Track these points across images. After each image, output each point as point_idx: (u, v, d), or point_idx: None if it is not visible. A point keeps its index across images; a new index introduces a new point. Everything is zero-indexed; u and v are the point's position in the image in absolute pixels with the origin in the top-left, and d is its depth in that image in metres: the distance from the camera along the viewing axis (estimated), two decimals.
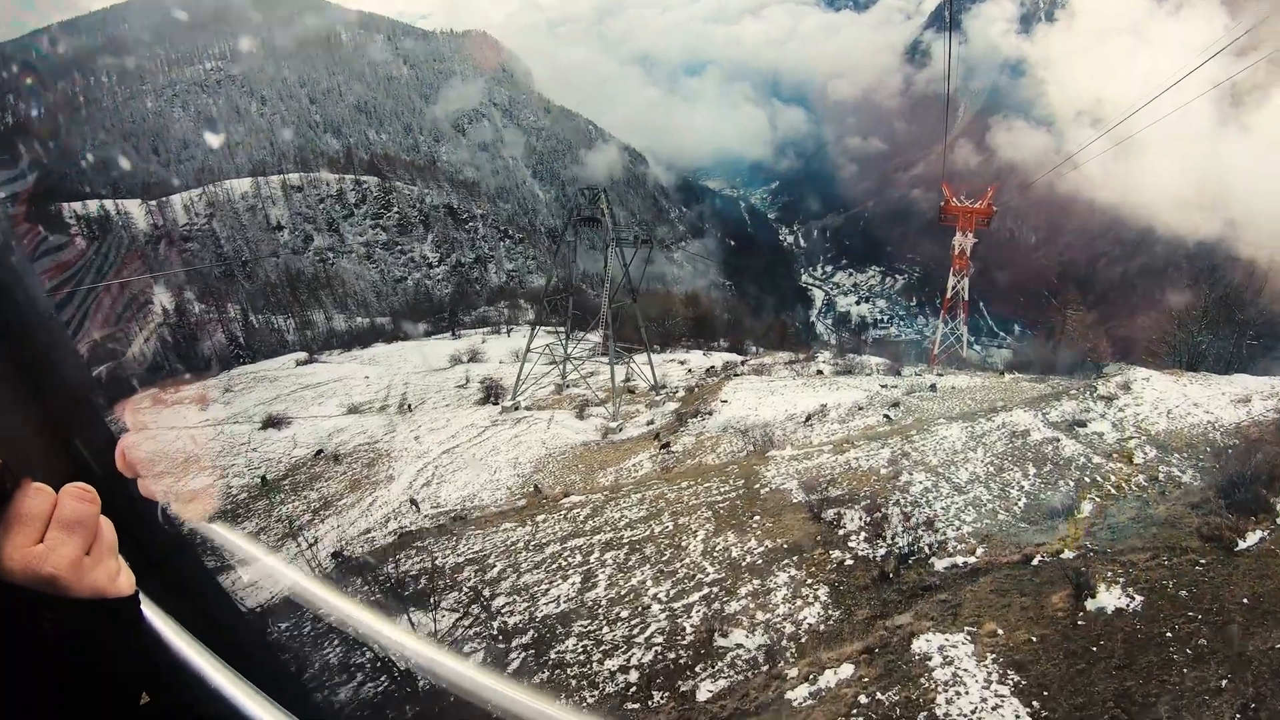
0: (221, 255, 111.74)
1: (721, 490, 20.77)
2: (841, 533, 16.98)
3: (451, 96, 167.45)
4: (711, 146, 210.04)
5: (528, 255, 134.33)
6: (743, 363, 45.85)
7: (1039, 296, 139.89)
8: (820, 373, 40.01)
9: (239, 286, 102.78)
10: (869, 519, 17.23)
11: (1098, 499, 17.27)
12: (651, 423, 34.45)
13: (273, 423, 37.58)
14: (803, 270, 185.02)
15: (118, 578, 0.89)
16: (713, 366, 45.49)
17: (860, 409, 30.35)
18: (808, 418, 29.36)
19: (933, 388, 33.57)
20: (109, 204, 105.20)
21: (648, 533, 18.83)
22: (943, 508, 17.52)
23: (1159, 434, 20.66)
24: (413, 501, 26.84)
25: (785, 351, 57.02)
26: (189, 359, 70.25)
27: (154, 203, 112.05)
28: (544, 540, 19.64)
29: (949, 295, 50.90)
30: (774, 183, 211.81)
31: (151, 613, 1.07)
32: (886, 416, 28.58)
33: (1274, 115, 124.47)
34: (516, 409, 37.94)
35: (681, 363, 48.04)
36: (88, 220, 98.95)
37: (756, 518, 18.53)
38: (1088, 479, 18.31)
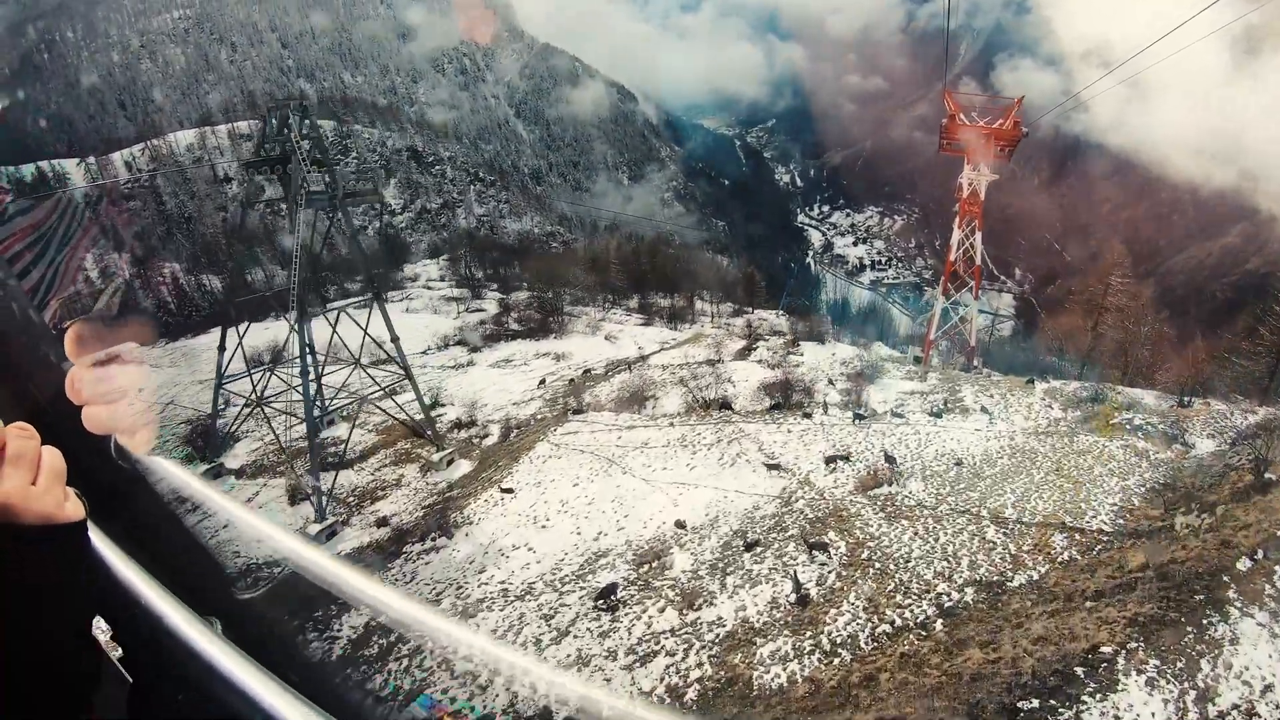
0: (163, 213, 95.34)
1: None
2: None
3: (430, 34, 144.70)
4: (706, 85, 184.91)
5: (500, 199, 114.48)
6: (635, 362, 27.46)
7: (1040, 240, 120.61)
8: (728, 407, 21.51)
9: (179, 245, 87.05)
10: None
11: None
12: (385, 522, 16.89)
13: None
14: (799, 210, 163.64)
15: (65, 504, 0.86)
16: (587, 370, 27.24)
17: (752, 548, 12.36)
18: (606, 595, 11.35)
19: (891, 459, 15.46)
20: (44, 165, 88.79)
21: None
22: None
23: None
24: None
25: (738, 318, 39.69)
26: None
27: (92, 160, 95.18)
28: None
29: (951, 258, 30.95)
30: (771, 121, 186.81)
31: (102, 543, 1.02)
32: (796, 591, 10.70)
33: None
34: (218, 475, 20.62)
35: (558, 358, 29.80)
36: (20, 183, 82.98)
37: None
38: None
